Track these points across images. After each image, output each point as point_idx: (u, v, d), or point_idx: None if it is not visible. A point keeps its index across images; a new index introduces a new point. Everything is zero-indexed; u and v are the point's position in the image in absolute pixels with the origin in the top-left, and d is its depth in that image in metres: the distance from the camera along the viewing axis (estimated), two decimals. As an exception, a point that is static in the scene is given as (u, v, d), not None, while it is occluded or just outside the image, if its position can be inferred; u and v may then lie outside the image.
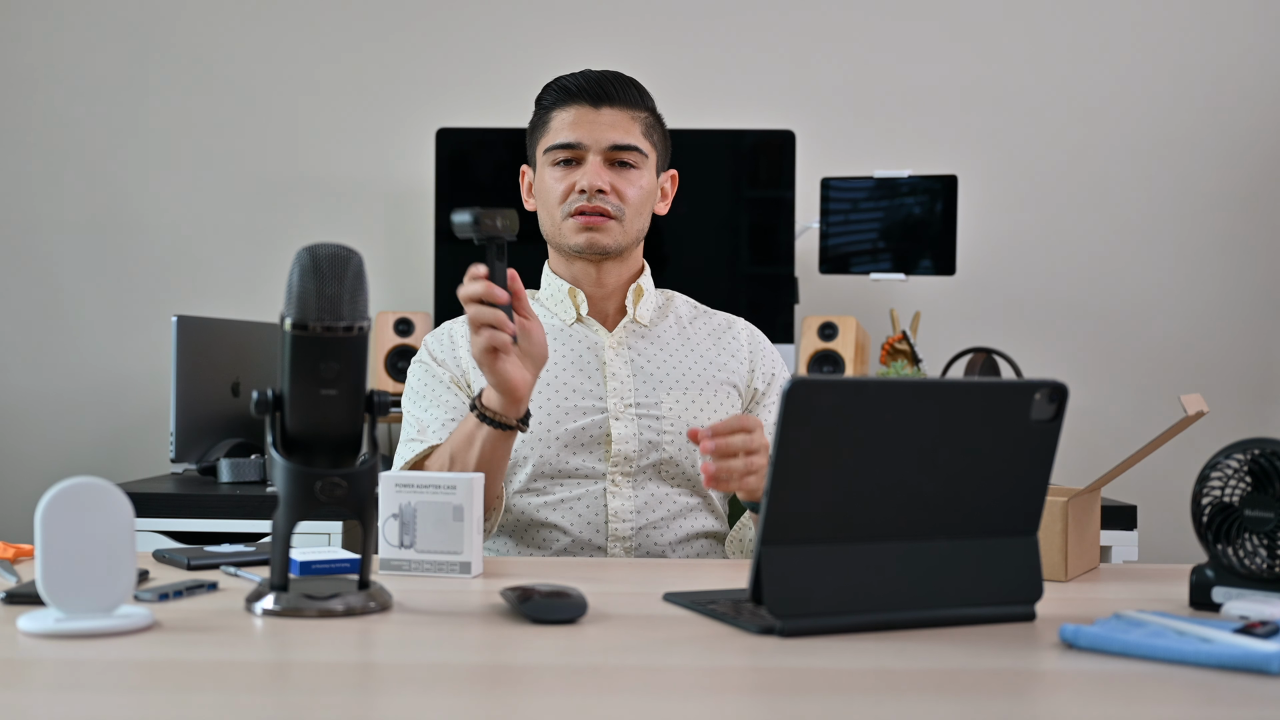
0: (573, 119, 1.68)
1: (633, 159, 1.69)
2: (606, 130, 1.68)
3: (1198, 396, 1.37)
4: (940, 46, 3.11)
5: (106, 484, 1.05)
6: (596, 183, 1.66)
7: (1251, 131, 3.10)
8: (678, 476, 1.68)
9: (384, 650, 1.06)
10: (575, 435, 1.65)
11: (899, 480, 1.10)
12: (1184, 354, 3.09)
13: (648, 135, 1.71)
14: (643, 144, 1.70)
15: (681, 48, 3.08)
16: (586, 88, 1.69)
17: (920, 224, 2.79)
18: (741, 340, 1.80)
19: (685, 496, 1.69)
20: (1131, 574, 1.47)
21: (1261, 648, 0.96)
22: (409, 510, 1.33)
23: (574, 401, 1.67)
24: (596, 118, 1.68)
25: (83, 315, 3.10)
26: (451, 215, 1.48)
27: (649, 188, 1.72)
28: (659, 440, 1.67)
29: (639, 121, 1.70)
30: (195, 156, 3.11)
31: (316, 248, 1.12)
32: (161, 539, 2.31)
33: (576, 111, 1.69)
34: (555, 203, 1.70)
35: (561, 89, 1.70)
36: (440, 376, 1.71)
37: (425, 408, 1.69)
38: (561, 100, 1.70)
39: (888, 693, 0.92)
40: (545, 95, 1.73)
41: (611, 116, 1.68)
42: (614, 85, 1.69)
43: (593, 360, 1.71)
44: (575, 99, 1.69)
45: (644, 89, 1.73)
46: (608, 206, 1.67)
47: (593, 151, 1.68)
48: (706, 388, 1.72)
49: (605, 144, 1.68)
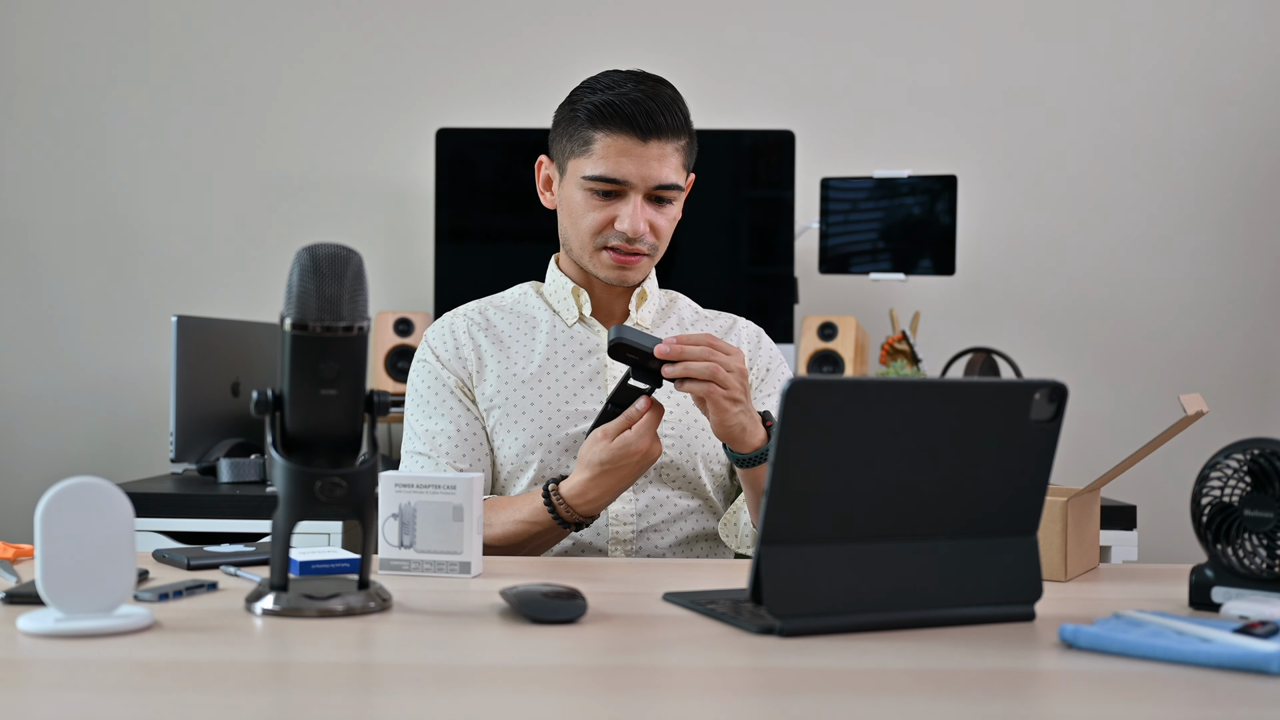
0: (619, 150, 1.60)
1: (672, 195, 1.65)
2: (654, 167, 1.61)
3: (1198, 396, 1.37)
4: (940, 46, 3.11)
5: (106, 484, 1.05)
6: (640, 227, 1.62)
7: (1252, 131, 3.10)
8: (678, 480, 1.68)
9: (384, 650, 1.06)
10: (576, 440, 1.65)
11: (899, 480, 1.10)
12: (1184, 354, 3.09)
13: (686, 164, 1.67)
14: (682, 178, 1.66)
15: (681, 48, 3.08)
16: (639, 118, 1.59)
17: (920, 224, 2.79)
18: (742, 339, 1.79)
19: (686, 500, 1.69)
20: (1131, 574, 1.47)
21: (1261, 648, 0.96)
22: (409, 510, 1.33)
23: (575, 406, 1.67)
24: (645, 152, 1.61)
25: (83, 315, 3.10)
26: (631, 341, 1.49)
27: (679, 214, 1.70)
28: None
29: (680, 152, 1.64)
30: (195, 156, 3.11)
31: (316, 248, 1.12)
32: (161, 539, 2.31)
33: (624, 142, 1.60)
34: (588, 231, 1.65)
35: (612, 110, 1.60)
36: (445, 380, 1.69)
37: (433, 417, 1.68)
38: (608, 123, 1.60)
39: (888, 693, 0.92)
40: (587, 106, 1.62)
41: (658, 150, 1.61)
42: (666, 115, 1.61)
43: (594, 364, 1.71)
44: (625, 127, 1.60)
45: (684, 105, 1.65)
46: (643, 247, 1.65)
47: (638, 191, 1.63)
48: None
49: (652, 184, 1.62)
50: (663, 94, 1.63)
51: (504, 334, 1.73)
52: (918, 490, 1.11)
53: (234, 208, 3.11)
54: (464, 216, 2.88)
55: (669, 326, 1.78)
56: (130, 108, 3.10)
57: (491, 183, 2.95)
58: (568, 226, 1.69)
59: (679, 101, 1.65)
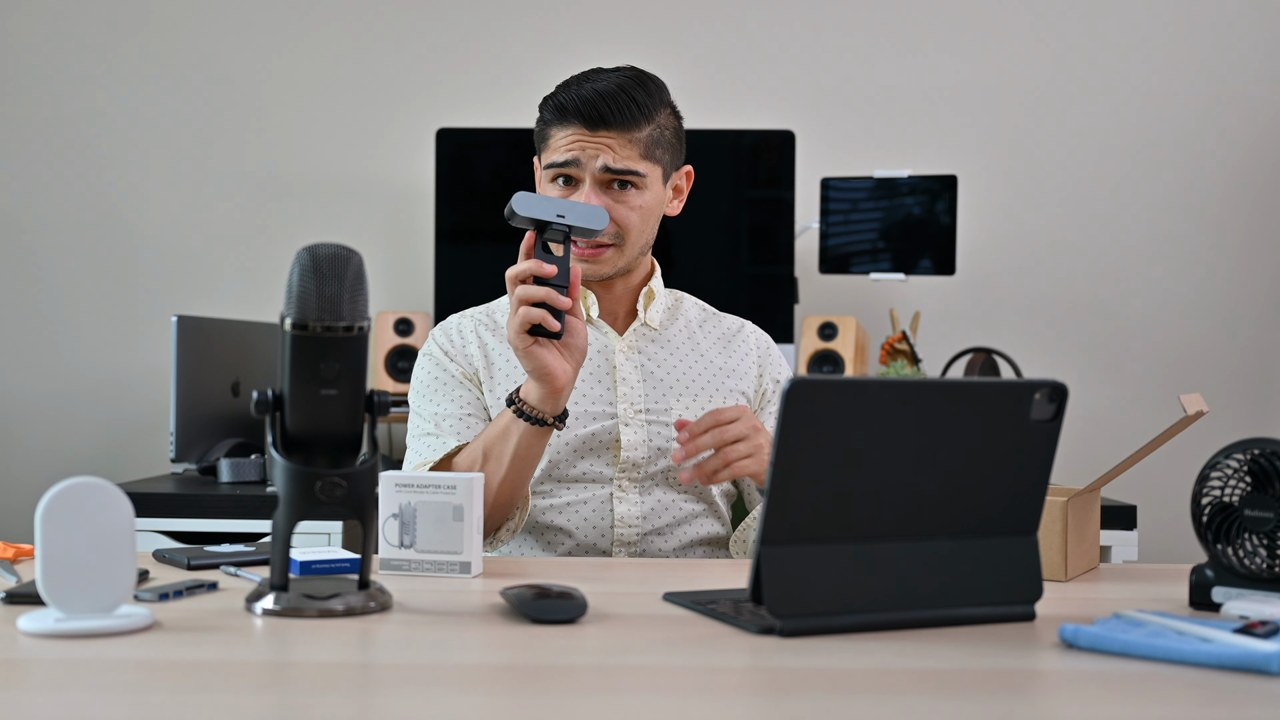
0: (568, 140, 1.62)
1: (631, 179, 1.63)
2: (601, 154, 1.61)
3: (1198, 396, 1.37)
4: (940, 46, 3.11)
5: (106, 484, 1.05)
6: None
7: (1252, 131, 3.10)
8: None
9: (384, 650, 1.06)
10: (585, 440, 1.64)
11: (899, 480, 1.10)
12: (1184, 354, 3.09)
13: (648, 154, 1.64)
14: (640, 165, 1.63)
15: (681, 48, 3.08)
16: (582, 109, 1.60)
17: (920, 224, 2.79)
18: (750, 345, 1.79)
19: (691, 503, 1.69)
20: (1131, 574, 1.47)
21: (1261, 648, 0.96)
22: (409, 510, 1.33)
23: (584, 406, 1.66)
24: (593, 140, 1.61)
25: (83, 315, 3.10)
26: (514, 200, 1.45)
27: (652, 203, 1.67)
28: (668, 447, 1.66)
29: (637, 143, 1.62)
30: (195, 156, 3.11)
31: (316, 248, 1.12)
32: (161, 539, 2.31)
33: (573, 133, 1.62)
34: None
35: (558, 107, 1.63)
36: (451, 371, 1.69)
37: (438, 401, 1.67)
38: (559, 116, 1.63)
39: (888, 693, 0.92)
40: (545, 106, 1.66)
41: (608, 139, 1.61)
42: (610, 106, 1.60)
43: (603, 365, 1.70)
44: (573, 119, 1.62)
45: (651, 97, 1.64)
46: (603, 238, 1.63)
47: (587, 176, 1.62)
48: (716, 395, 1.71)
49: (598, 169, 1.61)
50: (617, 91, 1.61)
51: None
52: (918, 490, 1.11)
53: (234, 208, 3.11)
54: (464, 216, 2.88)
55: (677, 328, 1.77)
56: (130, 107, 3.10)
57: (491, 183, 2.95)
58: None
59: (641, 92, 1.63)
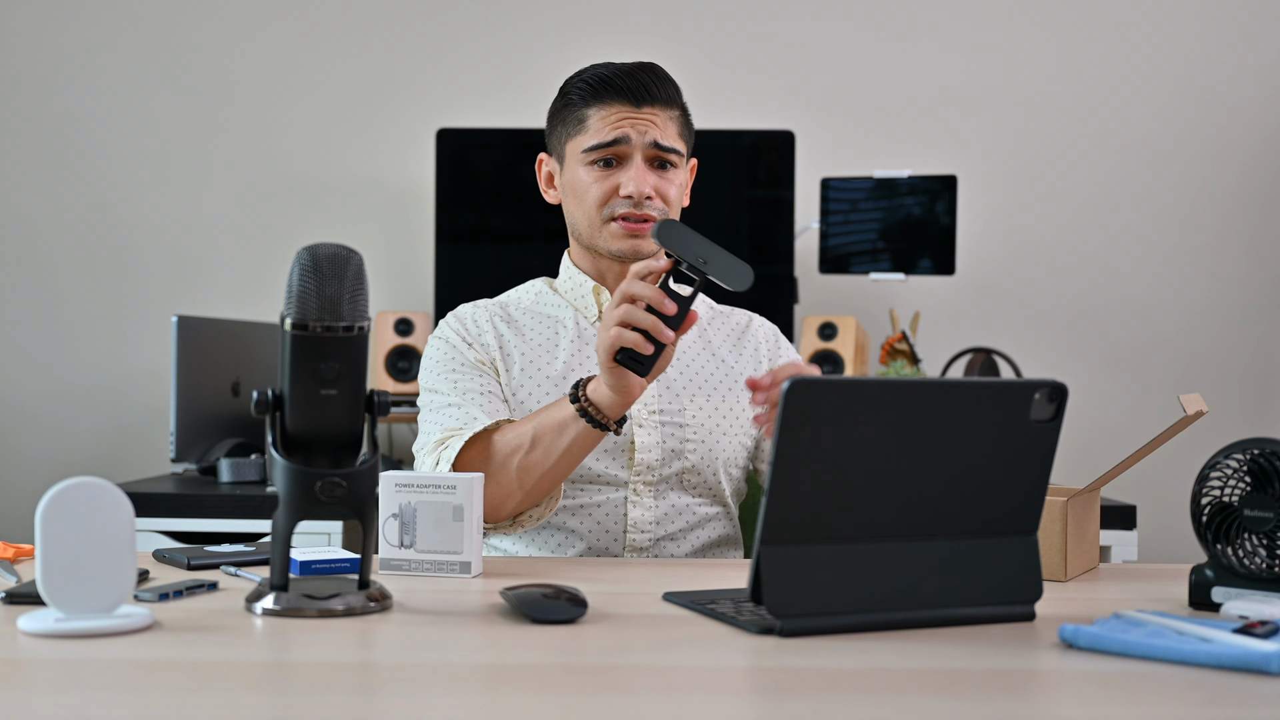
0: (615, 118, 1.61)
1: (673, 159, 1.64)
2: (650, 128, 1.62)
3: (1197, 396, 1.37)
4: (940, 46, 3.12)
5: (106, 484, 1.05)
6: (644, 189, 1.61)
7: (1252, 131, 3.10)
8: (699, 485, 1.66)
9: (384, 650, 1.06)
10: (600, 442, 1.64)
11: (899, 480, 1.10)
12: (1184, 354, 3.09)
13: (683, 134, 1.67)
14: (679, 144, 1.66)
15: (681, 48, 3.08)
16: (629, 86, 1.61)
17: (920, 224, 2.79)
18: (759, 339, 1.79)
19: (706, 506, 1.68)
20: (1131, 574, 1.47)
21: (1261, 648, 0.96)
22: (409, 510, 1.33)
23: None
24: (640, 115, 1.61)
25: (83, 315, 3.10)
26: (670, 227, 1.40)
27: (684, 185, 1.69)
28: (682, 449, 1.65)
29: (676, 121, 1.65)
30: (195, 156, 3.11)
31: (316, 248, 1.12)
32: (161, 539, 2.31)
33: (618, 111, 1.61)
34: (594, 204, 1.64)
35: (601, 83, 1.62)
36: (468, 355, 1.66)
37: (457, 378, 1.64)
38: (600, 96, 1.62)
39: (888, 693, 0.92)
40: (579, 87, 1.64)
41: (652, 115, 1.62)
42: (655, 83, 1.62)
43: None
44: (618, 97, 1.61)
45: (676, 84, 1.67)
46: (653, 212, 1.63)
47: (637, 153, 1.63)
48: (729, 394, 1.71)
49: (650, 142, 1.62)
50: (653, 69, 1.65)
51: (526, 329, 1.70)
52: (918, 490, 1.11)
53: (234, 208, 3.11)
54: (464, 216, 2.88)
55: None
56: (130, 108, 3.10)
57: (491, 183, 2.95)
58: (574, 209, 1.68)
59: (670, 78, 1.66)
